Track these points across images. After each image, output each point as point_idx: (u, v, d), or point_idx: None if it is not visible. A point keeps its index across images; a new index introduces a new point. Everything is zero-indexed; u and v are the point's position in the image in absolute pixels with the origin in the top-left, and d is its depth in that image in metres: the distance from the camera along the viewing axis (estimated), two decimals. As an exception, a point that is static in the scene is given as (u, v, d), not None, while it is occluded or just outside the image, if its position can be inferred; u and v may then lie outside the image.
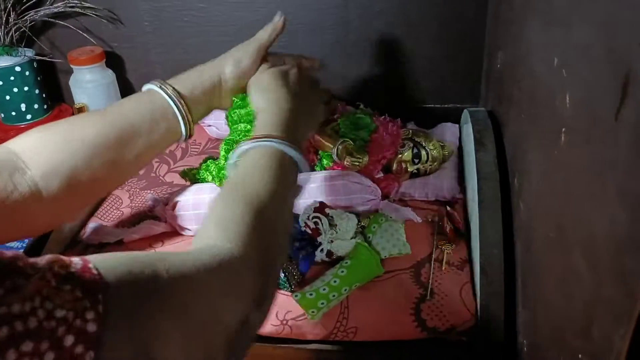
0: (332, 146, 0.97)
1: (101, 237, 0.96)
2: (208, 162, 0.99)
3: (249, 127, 0.95)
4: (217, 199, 0.65)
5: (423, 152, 1.03)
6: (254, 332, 0.57)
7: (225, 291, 0.53)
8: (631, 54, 0.39)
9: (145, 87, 0.87)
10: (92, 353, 0.38)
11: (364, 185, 0.96)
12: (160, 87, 0.85)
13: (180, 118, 0.85)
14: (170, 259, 0.49)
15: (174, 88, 0.85)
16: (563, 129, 0.55)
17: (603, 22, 0.46)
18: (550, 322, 0.60)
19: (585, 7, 0.51)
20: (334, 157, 0.96)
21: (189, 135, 0.87)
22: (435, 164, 1.04)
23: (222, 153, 0.95)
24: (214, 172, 0.95)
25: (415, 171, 1.04)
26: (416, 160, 1.03)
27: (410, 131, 1.06)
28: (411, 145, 1.03)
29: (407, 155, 1.03)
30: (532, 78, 0.71)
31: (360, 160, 0.97)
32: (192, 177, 1.01)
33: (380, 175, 1.02)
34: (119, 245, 0.95)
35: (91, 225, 0.99)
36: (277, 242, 0.63)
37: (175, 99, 0.84)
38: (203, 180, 0.99)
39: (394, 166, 1.03)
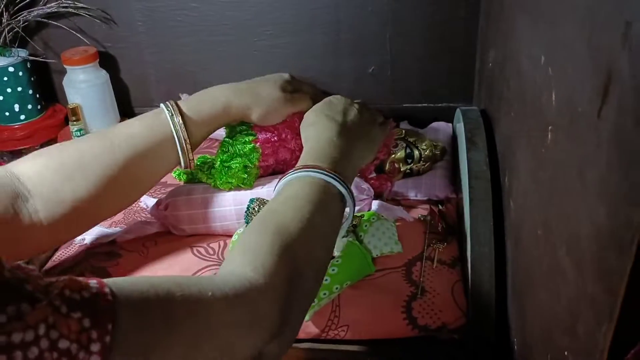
0: None
1: (94, 237, 0.96)
2: (202, 161, 0.99)
3: (244, 127, 0.95)
4: (249, 226, 0.64)
5: (416, 152, 1.03)
6: None
7: (240, 323, 0.51)
8: (612, 51, 0.40)
9: (160, 107, 0.86)
10: None
11: (357, 185, 0.96)
12: (171, 117, 0.84)
13: (180, 153, 0.85)
14: (190, 287, 0.48)
15: (182, 117, 0.84)
16: (550, 127, 0.56)
17: (585, 19, 0.46)
18: (538, 320, 0.61)
19: (568, 3, 0.51)
20: None
21: (188, 165, 0.88)
22: (428, 163, 1.04)
23: (219, 151, 0.95)
24: (207, 172, 0.95)
25: (408, 171, 1.04)
26: (409, 160, 1.03)
27: (403, 131, 1.06)
28: (404, 145, 1.03)
29: (400, 155, 1.03)
30: (520, 76, 0.71)
31: None
32: (186, 177, 1.01)
33: (373, 175, 1.02)
34: (112, 245, 0.95)
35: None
36: (305, 276, 0.60)
37: (181, 133, 0.84)
38: (197, 180, 0.99)
39: (387, 166, 1.03)
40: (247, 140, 0.94)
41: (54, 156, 0.77)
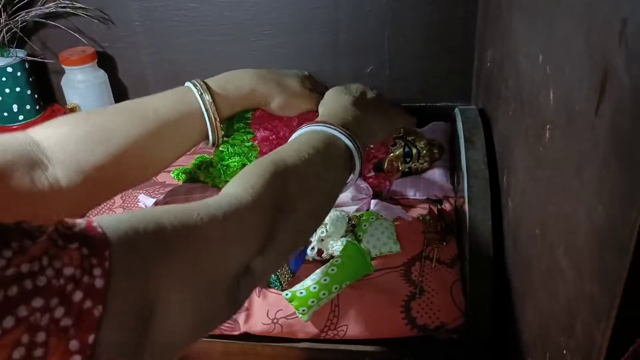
0: None
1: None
2: (200, 160, 0.99)
3: (241, 124, 0.95)
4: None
5: (414, 151, 1.03)
6: (258, 279, 0.57)
7: (228, 238, 0.53)
8: (609, 49, 0.39)
9: (186, 84, 0.87)
10: (101, 307, 0.39)
11: (356, 184, 0.96)
12: (200, 95, 0.85)
13: (210, 130, 0.86)
14: (177, 212, 0.50)
15: (211, 96, 0.86)
16: (547, 126, 0.55)
17: (582, 18, 0.46)
18: (537, 319, 0.60)
19: (565, 2, 0.51)
20: None
21: (216, 143, 0.89)
22: (427, 162, 1.04)
23: (218, 149, 0.94)
24: (205, 171, 0.95)
25: (407, 170, 1.04)
26: (407, 159, 1.03)
27: (402, 130, 1.06)
28: (402, 144, 1.03)
29: (399, 154, 1.02)
30: (518, 75, 0.71)
31: None
32: (185, 176, 1.01)
33: (372, 174, 1.02)
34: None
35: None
36: (298, 209, 0.62)
37: (211, 112, 0.85)
38: (196, 179, 0.99)
39: (385, 165, 1.03)
40: (245, 138, 0.94)
41: (80, 125, 0.77)
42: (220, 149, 0.94)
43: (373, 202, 0.98)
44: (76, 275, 0.39)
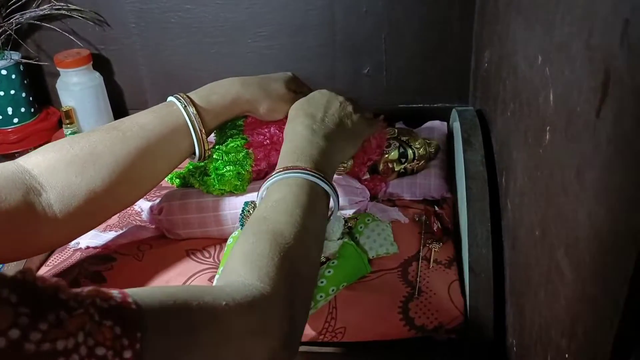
0: None
1: (88, 240, 0.95)
2: (193, 167, 0.97)
3: (234, 131, 0.94)
4: (242, 234, 0.65)
5: (409, 151, 1.03)
6: None
7: (255, 331, 0.52)
8: (610, 51, 0.39)
9: (169, 99, 0.87)
10: None
11: (352, 186, 0.96)
12: (185, 108, 0.85)
13: (196, 143, 0.86)
14: (203, 296, 0.49)
15: (195, 108, 0.86)
16: (547, 127, 0.55)
17: (582, 20, 0.46)
18: (537, 320, 0.60)
19: (564, 4, 0.51)
20: None
21: (203, 156, 0.89)
22: (422, 162, 1.04)
23: (214, 157, 0.94)
24: (199, 179, 0.94)
25: (403, 170, 1.04)
26: (403, 160, 1.03)
27: (396, 130, 1.06)
28: (397, 144, 1.03)
29: (394, 155, 1.02)
30: (516, 76, 0.71)
31: (345, 165, 0.96)
32: (179, 181, 1.00)
33: (367, 176, 1.02)
34: (107, 248, 0.95)
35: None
36: (304, 278, 0.62)
37: (196, 124, 0.85)
38: (190, 185, 0.98)
39: (381, 166, 1.02)
40: (239, 145, 0.93)
41: (66, 149, 0.77)
42: (215, 156, 0.93)
43: (370, 204, 0.98)
44: (108, 356, 0.38)
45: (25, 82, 1.25)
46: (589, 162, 0.43)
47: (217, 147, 0.94)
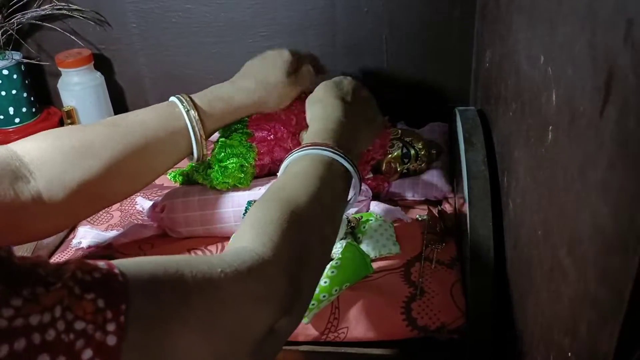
0: None
1: (90, 240, 0.95)
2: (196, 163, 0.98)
3: (239, 125, 0.95)
4: (257, 201, 0.64)
5: (412, 152, 1.03)
6: (282, 339, 0.56)
7: (254, 298, 0.51)
8: (614, 50, 0.39)
9: (171, 99, 0.86)
10: None
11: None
12: (187, 112, 0.85)
13: (195, 147, 0.86)
14: (198, 265, 0.48)
15: (197, 113, 0.85)
16: (550, 127, 0.55)
17: (585, 19, 0.46)
18: (539, 320, 0.60)
19: (566, 4, 0.51)
20: None
21: (200, 159, 0.89)
22: (425, 163, 1.04)
23: (215, 151, 0.94)
24: (203, 173, 0.95)
25: (405, 171, 1.04)
26: (405, 160, 1.03)
27: (399, 131, 1.06)
28: (400, 145, 1.03)
29: (397, 155, 1.02)
30: (518, 76, 0.71)
31: None
32: (182, 178, 1.00)
33: (370, 175, 1.02)
34: (108, 248, 0.95)
35: (80, 229, 0.98)
36: (313, 249, 0.60)
37: (197, 129, 0.85)
38: (193, 182, 0.98)
39: (384, 166, 1.03)
40: (243, 139, 0.93)
41: (64, 139, 0.76)
42: (218, 149, 0.93)
43: (372, 203, 0.98)
44: (88, 331, 0.37)
45: (27, 82, 1.25)
46: (593, 161, 0.43)
47: (221, 139, 0.95)
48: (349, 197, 0.74)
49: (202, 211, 0.93)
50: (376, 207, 0.97)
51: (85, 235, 0.96)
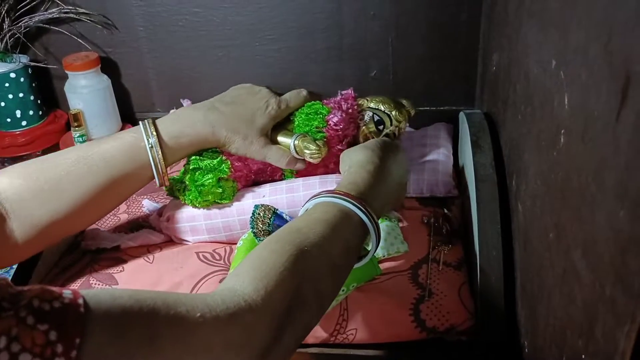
0: (288, 146, 0.92)
1: (98, 242, 0.96)
2: (175, 181, 0.95)
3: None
4: (269, 237, 0.62)
5: (385, 117, 0.98)
6: None
7: (229, 344, 0.49)
8: (631, 54, 0.40)
9: (137, 133, 0.85)
10: None
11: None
12: (150, 145, 0.84)
13: (156, 177, 0.87)
14: (177, 305, 0.46)
15: (160, 145, 0.85)
16: (562, 130, 0.56)
17: (600, 24, 0.46)
18: (551, 322, 0.61)
19: (581, 9, 0.51)
20: (294, 154, 0.91)
21: (163, 184, 0.89)
22: (402, 123, 0.99)
23: (189, 172, 0.91)
24: (184, 194, 0.93)
25: (385, 137, 0.98)
26: (381, 127, 0.98)
27: (365, 100, 1.00)
28: (370, 114, 0.98)
29: (370, 124, 0.98)
30: (528, 80, 0.71)
31: (319, 151, 0.90)
32: (169, 192, 0.99)
33: None
34: (116, 250, 0.95)
35: (88, 231, 0.98)
36: (307, 303, 0.58)
37: (158, 160, 0.85)
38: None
39: (361, 140, 0.98)
40: (214, 154, 0.91)
41: (33, 179, 0.78)
42: (192, 167, 0.90)
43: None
44: None
45: (34, 85, 1.26)
46: (609, 164, 0.44)
47: (192, 158, 0.91)
48: (369, 252, 0.71)
49: (208, 221, 0.93)
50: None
51: (94, 237, 0.96)
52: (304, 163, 0.93)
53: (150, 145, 0.84)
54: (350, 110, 0.95)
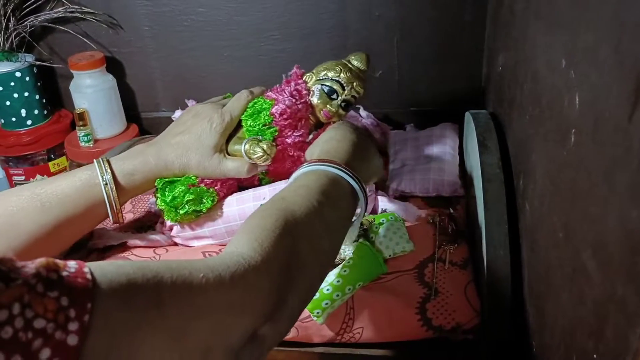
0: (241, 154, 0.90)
1: (105, 240, 0.96)
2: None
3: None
4: (256, 210, 0.63)
5: (335, 84, 0.92)
6: (265, 347, 0.55)
7: (233, 306, 0.50)
8: (643, 56, 0.40)
9: (91, 171, 0.86)
10: None
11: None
12: (104, 184, 0.85)
13: (110, 215, 0.87)
14: (180, 269, 0.47)
15: (117, 189, 0.86)
16: (572, 130, 0.56)
17: (610, 24, 0.46)
18: (559, 322, 0.61)
19: (591, 10, 0.52)
20: (249, 161, 0.89)
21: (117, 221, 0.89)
22: (358, 82, 0.94)
23: (158, 194, 0.91)
24: (165, 214, 0.92)
25: (344, 104, 0.93)
26: (334, 96, 0.92)
27: (311, 74, 0.95)
28: (318, 87, 0.93)
29: (322, 98, 0.93)
30: (536, 80, 0.71)
31: (265, 153, 0.87)
32: None
33: (311, 137, 0.94)
34: (123, 250, 0.95)
35: (96, 230, 0.99)
36: (307, 261, 0.59)
37: (112, 198, 0.86)
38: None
39: (321, 117, 0.94)
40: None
41: None
42: (160, 186, 0.90)
43: (381, 199, 0.98)
44: (47, 329, 0.35)
45: (39, 84, 1.26)
46: (620, 165, 0.44)
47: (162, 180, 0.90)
48: (355, 216, 0.74)
49: (211, 227, 0.93)
50: (389, 204, 0.98)
51: (100, 235, 0.96)
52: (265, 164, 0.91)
53: (104, 182, 0.85)
54: (294, 92, 0.91)
